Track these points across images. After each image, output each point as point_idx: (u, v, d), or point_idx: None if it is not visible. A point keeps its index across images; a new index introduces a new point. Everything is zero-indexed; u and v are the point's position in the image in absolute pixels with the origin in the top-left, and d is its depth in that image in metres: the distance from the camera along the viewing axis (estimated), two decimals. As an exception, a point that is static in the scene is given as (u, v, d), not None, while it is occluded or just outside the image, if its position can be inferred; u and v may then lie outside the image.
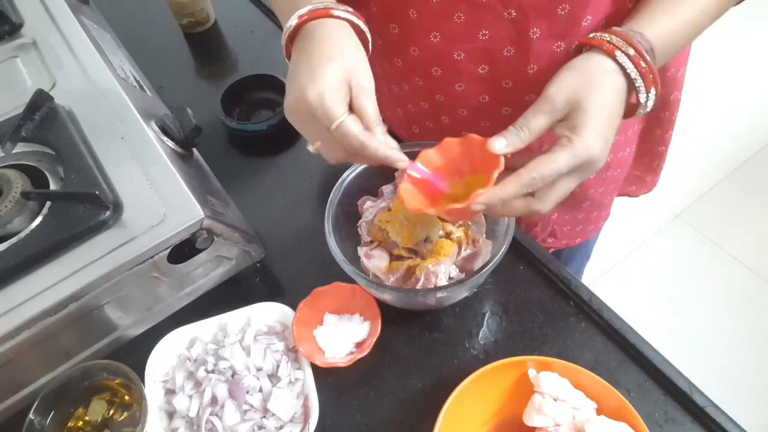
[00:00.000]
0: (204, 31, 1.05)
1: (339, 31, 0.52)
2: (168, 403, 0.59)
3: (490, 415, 0.57)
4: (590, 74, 0.48)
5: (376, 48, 0.67)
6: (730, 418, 0.55)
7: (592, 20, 0.58)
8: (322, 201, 0.62)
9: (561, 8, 0.56)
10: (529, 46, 0.59)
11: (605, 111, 0.48)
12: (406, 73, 0.69)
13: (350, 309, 0.64)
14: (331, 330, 0.62)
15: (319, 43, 0.51)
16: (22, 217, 0.59)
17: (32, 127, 0.65)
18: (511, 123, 0.66)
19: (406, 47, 0.64)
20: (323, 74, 0.49)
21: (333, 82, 0.49)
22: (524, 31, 0.58)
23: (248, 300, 0.64)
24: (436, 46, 0.62)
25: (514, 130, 0.49)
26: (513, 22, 0.57)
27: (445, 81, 0.65)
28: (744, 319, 1.66)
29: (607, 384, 0.53)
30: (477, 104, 0.66)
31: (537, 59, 0.60)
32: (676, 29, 0.52)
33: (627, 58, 0.47)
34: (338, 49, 0.51)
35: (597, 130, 0.47)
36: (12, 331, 0.53)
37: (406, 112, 0.75)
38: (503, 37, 0.59)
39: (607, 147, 0.48)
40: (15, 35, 0.79)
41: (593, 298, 0.63)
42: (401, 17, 0.61)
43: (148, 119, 0.67)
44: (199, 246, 0.60)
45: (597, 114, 0.47)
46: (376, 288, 0.59)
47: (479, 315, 0.65)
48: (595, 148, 0.47)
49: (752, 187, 1.95)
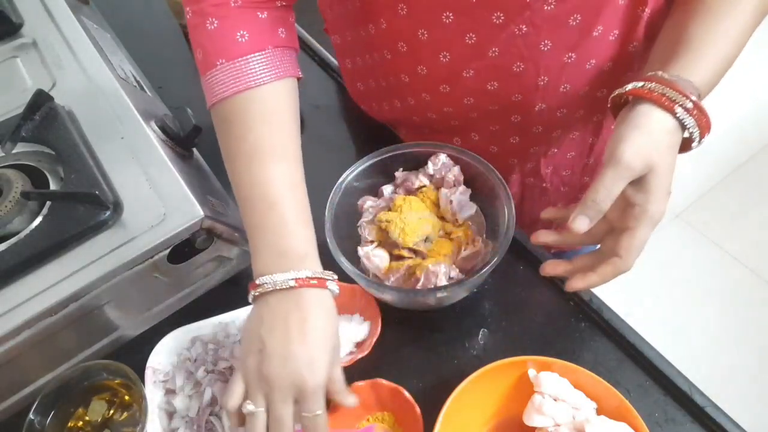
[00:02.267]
0: (204, 31, 1.05)
1: (329, 312, 0.50)
2: (168, 403, 0.59)
3: (490, 415, 0.57)
4: (657, 134, 0.48)
5: (383, 63, 0.67)
6: (730, 418, 0.55)
7: (603, 31, 0.57)
8: (322, 201, 0.62)
9: (572, 18, 0.55)
10: (539, 58, 0.59)
11: (671, 170, 0.48)
12: (412, 90, 0.68)
13: (350, 309, 0.63)
14: None
15: (316, 320, 0.48)
16: (22, 217, 0.59)
17: (32, 127, 0.65)
18: (521, 129, 0.67)
19: (414, 66, 0.63)
20: (323, 365, 0.47)
21: (325, 371, 0.47)
22: (535, 45, 0.57)
23: (248, 300, 0.64)
24: (445, 65, 0.61)
25: (594, 204, 0.48)
26: (524, 37, 0.57)
27: (453, 96, 0.65)
28: (744, 319, 1.66)
29: (607, 384, 0.53)
30: (486, 111, 0.66)
31: (547, 71, 0.60)
32: (716, 67, 0.51)
33: (686, 112, 0.47)
34: (330, 334, 0.49)
35: (666, 190, 0.49)
36: (12, 331, 0.53)
37: (411, 122, 0.75)
38: (513, 53, 0.58)
39: (667, 201, 0.49)
40: (15, 35, 0.79)
41: (593, 298, 0.63)
42: (410, 37, 0.60)
43: (148, 119, 0.67)
44: (199, 246, 0.60)
45: (667, 175, 0.48)
46: (376, 288, 0.59)
47: (479, 315, 0.65)
48: (665, 210, 0.49)
49: (752, 187, 1.95)
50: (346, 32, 0.71)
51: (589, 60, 0.60)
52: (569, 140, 0.72)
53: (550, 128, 0.69)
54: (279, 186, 0.50)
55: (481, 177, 0.64)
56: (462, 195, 0.65)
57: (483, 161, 0.64)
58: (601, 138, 0.73)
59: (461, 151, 0.65)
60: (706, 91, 0.51)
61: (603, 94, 0.65)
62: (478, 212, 0.66)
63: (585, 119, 0.70)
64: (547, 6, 0.54)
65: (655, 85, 0.48)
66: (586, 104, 0.66)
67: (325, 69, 0.94)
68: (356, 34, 0.68)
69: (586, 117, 0.69)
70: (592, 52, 0.60)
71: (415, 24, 0.59)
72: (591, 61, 0.60)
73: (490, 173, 0.63)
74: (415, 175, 0.67)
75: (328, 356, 0.48)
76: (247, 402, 0.48)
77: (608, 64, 0.61)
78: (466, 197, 0.65)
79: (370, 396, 0.57)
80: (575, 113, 0.67)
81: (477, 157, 0.64)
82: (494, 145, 0.73)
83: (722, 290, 1.73)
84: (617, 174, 0.47)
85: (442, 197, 0.66)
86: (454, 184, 0.66)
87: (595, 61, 0.61)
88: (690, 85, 0.48)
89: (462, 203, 0.65)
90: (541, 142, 0.71)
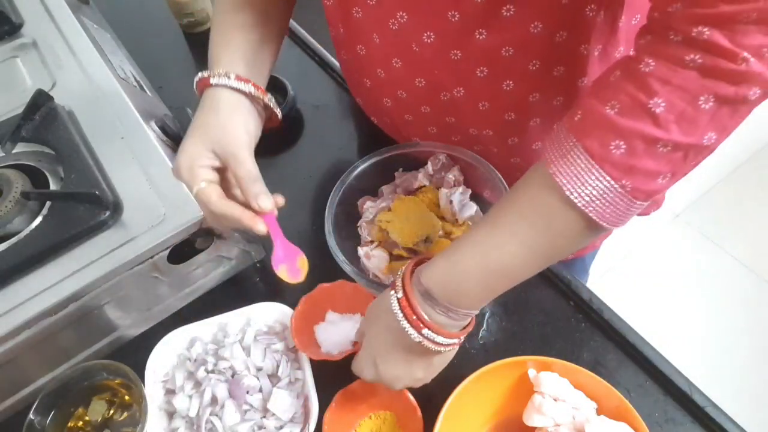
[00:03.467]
0: (204, 31, 1.05)
1: (212, 102, 0.55)
2: (168, 403, 0.59)
3: (490, 415, 0.57)
4: (372, 308, 0.52)
5: (359, 59, 0.66)
6: (730, 418, 0.55)
7: (596, 8, 0.57)
8: (322, 201, 0.62)
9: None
10: (530, 42, 0.58)
11: (376, 341, 0.50)
12: (407, 77, 0.67)
13: (353, 308, 0.64)
14: (331, 328, 0.62)
15: (195, 116, 0.55)
16: (22, 217, 0.59)
17: (32, 127, 0.65)
18: (514, 127, 0.65)
19: (409, 45, 0.63)
20: (182, 151, 0.53)
21: (188, 158, 0.52)
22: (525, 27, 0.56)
23: (248, 300, 0.64)
24: (431, 46, 0.61)
25: None
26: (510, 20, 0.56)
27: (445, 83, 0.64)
28: (744, 319, 1.66)
29: (607, 384, 0.53)
30: (476, 108, 0.66)
31: (538, 55, 0.59)
32: (460, 270, 0.45)
33: (396, 300, 0.47)
34: (205, 122, 0.54)
35: (368, 354, 0.51)
36: (12, 331, 0.53)
37: (404, 121, 0.75)
38: (504, 38, 0.58)
39: (377, 371, 0.51)
40: (15, 35, 0.79)
41: (593, 298, 0.63)
42: (392, 22, 0.58)
43: (148, 119, 0.67)
44: (199, 246, 0.60)
45: (369, 342, 0.51)
46: (376, 288, 0.59)
47: (479, 315, 0.65)
48: (364, 372, 0.51)
49: (752, 187, 1.95)
50: (339, 25, 0.71)
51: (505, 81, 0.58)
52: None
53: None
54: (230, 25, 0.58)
55: (481, 177, 0.64)
56: (462, 195, 0.65)
57: (483, 161, 0.64)
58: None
59: (461, 151, 0.65)
60: (445, 291, 0.45)
61: (512, 118, 0.63)
62: (478, 212, 0.66)
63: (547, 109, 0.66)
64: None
65: (402, 270, 0.49)
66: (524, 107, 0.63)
67: (325, 69, 0.94)
68: (344, 28, 0.68)
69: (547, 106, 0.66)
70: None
71: (396, 5, 0.57)
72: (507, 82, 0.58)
73: (490, 173, 0.63)
74: (414, 175, 0.67)
75: (191, 141, 0.53)
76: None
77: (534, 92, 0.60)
78: (466, 197, 0.65)
79: (373, 395, 0.58)
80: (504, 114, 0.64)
81: (477, 157, 0.64)
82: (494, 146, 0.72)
83: (722, 290, 1.73)
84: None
85: (442, 197, 0.66)
86: (454, 184, 0.66)
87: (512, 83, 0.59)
88: (416, 279, 0.47)
89: (462, 203, 0.65)
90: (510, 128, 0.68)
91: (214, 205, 0.51)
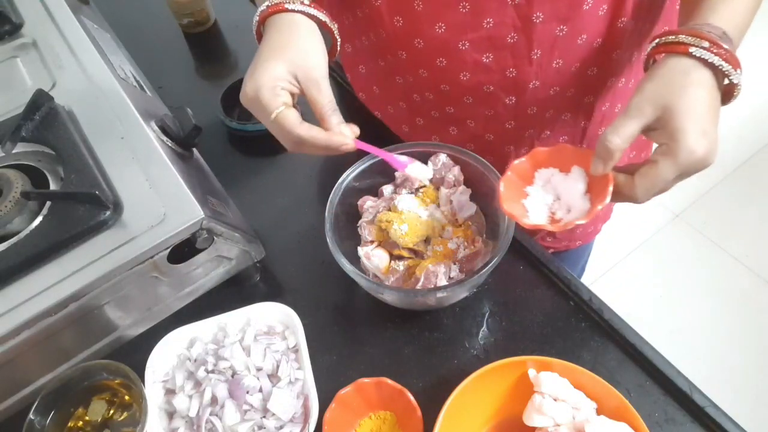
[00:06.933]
0: (204, 31, 1.05)
1: (291, 25, 0.54)
2: (168, 403, 0.59)
3: (490, 415, 0.57)
4: (669, 77, 0.47)
5: (379, 41, 0.67)
6: (730, 418, 0.55)
7: (593, 5, 0.58)
8: (322, 201, 0.62)
9: None
10: (532, 30, 0.60)
11: (698, 107, 0.46)
12: (410, 65, 0.69)
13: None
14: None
15: (269, 38, 0.54)
16: (22, 217, 0.59)
17: (32, 127, 0.65)
18: (516, 111, 0.67)
19: (411, 39, 0.64)
20: (262, 71, 0.52)
21: (270, 78, 0.51)
22: (528, 17, 0.59)
23: (248, 300, 0.64)
24: (440, 37, 0.62)
25: (604, 149, 0.48)
26: (517, 7, 0.58)
27: (450, 71, 0.65)
28: (744, 319, 1.66)
29: (607, 384, 0.53)
30: (482, 94, 0.67)
31: (540, 44, 0.61)
32: (741, 9, 0.51)
33: (703, 50, 0.47)
34: (285, 43, 0.53)
35: (695, 130, 0.46)
36: (12, 331, 0.53)
37: (411, 103, 0.75)
38: (507, 24, 0.60)
39: (709, 142, 0.46)
40: (15, 35, 0.79)
41: (593, 298, 0.64)
42: (406, 9, 0.62)
43: (148, 119, 0.67)
44: (199, 246, 0.60)
45: (689, 113, 0.46)
46: (376, 288, 0.59)
47: (479, 315, 0.65)
48: (698, 150, 0.46)
49: (752, 187, 1.95)
50: (343, 16, 0.71)
51: (580, 35, 0.61)
52: (561, 122, 0.73)
53: (543, 108, 0.69)
54: None
55: (481, 177, 0.64)
56: (462, 195, 0.65)
57: (483, 161, 0.64)
58: (594, 121, 0.74)
59: (461, 151, 0.65)
60: (736, 31, 0.50)
61: (593, 73, 0.66)
62: (478, 212, 0.66)
63: (577, 99, 0.70)
64: None
65: (667, 36, 0.49)
66: (577, 82, 0.67)
67: (325, 69, 0.94)
68: (353, 15, 0.69)
69: (578, 97, 0.70)
70: (583, 27, 0.61)
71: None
72: (582, 36, 0.61)
73: (490, 173, 0.63)
74: (415, 175, 0.67)
75: (270, 65, 0.52)
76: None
77: (598, 40, 0.62)
78: (466, 197, 0.65)
79: (374, 394, 0.58)
80: (567, 92, 0.68)
81: (477, 157, 0.64)
82: (490, 132, 0.73)
83: (722, 290, 1.73)
84: (626, 118, 0.48)
85: (442, 197, 0.66)
86: (454, 184, 0.66)
87: (586, 37, 0.62)
88: (707, 27, 0.48)
89: (462, 203, 0.65)
90: (535, 124, 0.72)
91: (300, 129, 0.51)
